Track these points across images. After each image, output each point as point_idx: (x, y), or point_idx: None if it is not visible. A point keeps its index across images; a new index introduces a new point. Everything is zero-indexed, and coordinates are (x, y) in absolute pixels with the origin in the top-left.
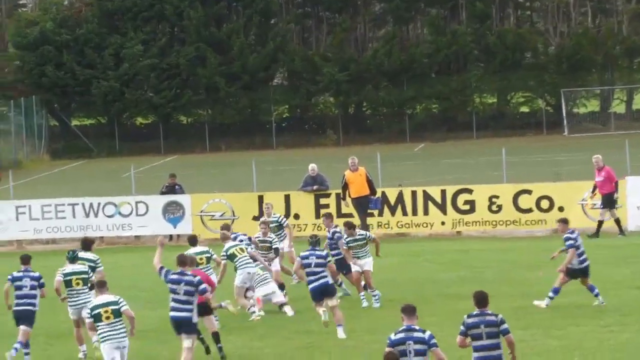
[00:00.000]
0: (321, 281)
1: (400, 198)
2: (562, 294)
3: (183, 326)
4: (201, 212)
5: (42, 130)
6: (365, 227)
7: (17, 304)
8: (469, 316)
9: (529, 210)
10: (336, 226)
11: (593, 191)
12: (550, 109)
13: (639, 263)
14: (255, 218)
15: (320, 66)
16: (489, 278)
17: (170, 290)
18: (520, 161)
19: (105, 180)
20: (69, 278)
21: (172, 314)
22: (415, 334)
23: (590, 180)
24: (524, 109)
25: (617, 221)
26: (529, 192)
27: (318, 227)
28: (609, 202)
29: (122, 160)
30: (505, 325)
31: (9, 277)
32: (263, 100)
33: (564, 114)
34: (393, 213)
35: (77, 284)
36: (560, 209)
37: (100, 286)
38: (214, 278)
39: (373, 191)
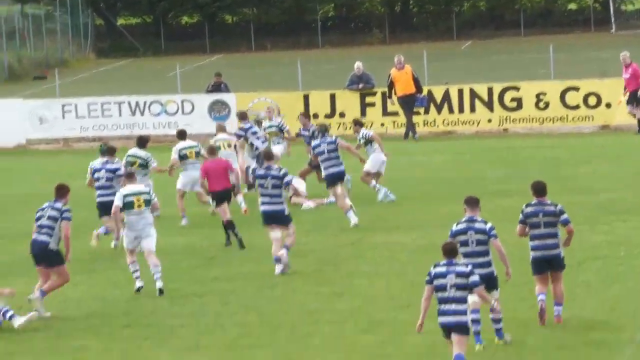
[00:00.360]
0: (336, 169)
1: (446, 96)
2: (609, 189)
3: (275, 218)
4: (247, 109)
5: (88, 29)
6: (411, 125)
7: (99, 195)
8: (528, 205)
9: (576, 107)
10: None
11: (625, 89)
12: (598, 6)
13: None
14: None
15: None
16: (535, 175)
17: (258, 185)
18: (567, 58)
19: (151, 79)
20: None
21: (263, 208)
22: (477, 225)
23: None
24: (572, 6)
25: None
26: (576, 89)
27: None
28: (635, 98)
29: (168, 59)
30: (565, 216)
31: (90, 166)
32: None
33: (612, 12)
34: (439, 111)
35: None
36: (608, 105)
37: (130, 177)
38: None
39: (419, 89)
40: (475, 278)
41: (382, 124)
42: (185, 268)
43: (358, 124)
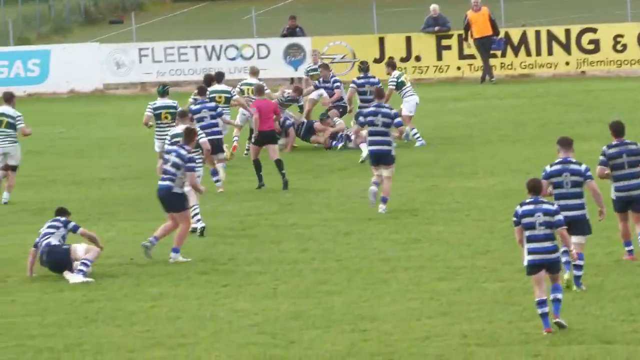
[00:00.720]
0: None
1: (523, 38)
2: None
3: (381, 159)
4: (322, 54)
5: None
6: (488, 68)
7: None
8: (610, 147)
9: None
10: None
11: None
12: None
13: None
14: (376, 61)
15: None
16: (613, 118)
17: (367, 123)
18: None
19: (227, 22)
20: (158, 112)
21: (371, 148)
22: (572, 166)
23: None
24: None
25: None
26: None
27: (440, 69)
28: None
29: (243, 2)
30: None
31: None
32: None
33: None
34: (516, 54)
35: (166, 117)
36: None
37: (182, 115)
38: (228, 118)
39: (496, 31)
40: (560, 217)
41: (459, 67)
42: (264, 214)
43: (391, 65)
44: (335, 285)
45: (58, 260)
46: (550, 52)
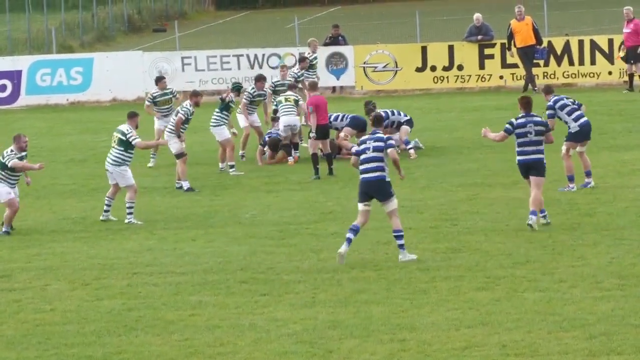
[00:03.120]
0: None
1: (566, 47)
2: None
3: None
4: (364, 63)
5: None
6: (531, 77)
7: None
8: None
9: None
10: None
11: (621, 44)
12: None
13: None
14: (418, 70)
15: None
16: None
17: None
18: None
19: (269, 31)
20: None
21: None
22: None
23: None
24: None
25: (631, 76)
26: None
27: (482, 77)
28: (633, 55)
29: (286, 11)
30: None
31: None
32: None
33: None
34: (559, 63)
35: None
36: None
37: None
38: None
39: (539, 40)
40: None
41: (501, 76)
42: (304, 223)
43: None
44: (374, 295)
45: None
46: (593, 62)
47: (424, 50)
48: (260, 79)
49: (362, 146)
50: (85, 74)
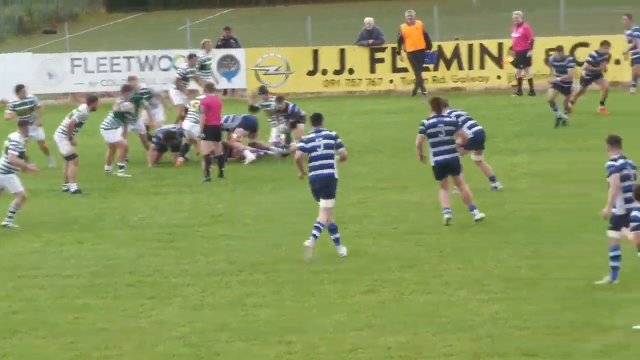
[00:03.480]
0: None
1: (456, 52)
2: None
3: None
4: (256, 66)
5: None
6: (421, 81)
7: None
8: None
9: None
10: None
11: (511, 49)
12: None
13: None
14: (310, 73)
15: None
16: (545, 132)
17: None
18: (579, 13)
19: (161, 33)
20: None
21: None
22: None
23: None
24: None
25: (530, 81)
26: (586, 44)
27: (372, 82)
28: (522, 60)
29: (178, 13)
30: None
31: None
32: None
33: None
34: (449, 67)
35: None
36: (617, 62)
37: None
38: None
39: (429, 45)
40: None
41: (391, 80)
42: (193, 226)
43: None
44: (262, 298)
45: None
46: (482, 66)
47: (315, 53)
48: (191, 56)
49: (311, 144)
50: None
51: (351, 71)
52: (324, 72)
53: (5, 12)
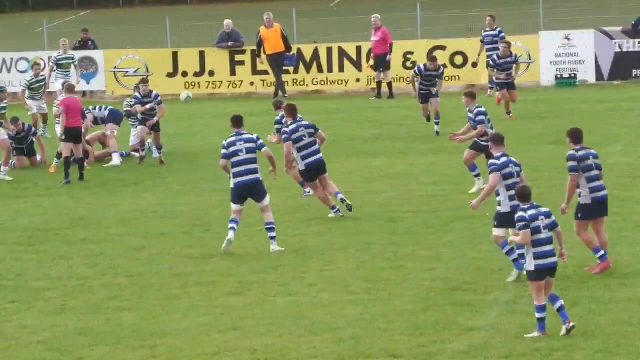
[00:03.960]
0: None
1: (315, 55)
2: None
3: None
4: (115, 68)
5: None
6: (281, 84)
7: None
8: (289, 125)
9: (443, 66)
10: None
11: (370, 52)
12: None
13: (555, 118)
14: (170, 75)
15: None
16: (403, 135)
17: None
18: (434, 17)
19: (18, 35)
20: None
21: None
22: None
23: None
24: None
25: (389, 84)
26: (443, 47)
27: (233, 84)
28: (382, 63)
29: (35, 15)
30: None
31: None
32: None
33: None
34: (308, 70)
35: None
36: (474, 64)
37: None
38: None
39: (288, 48)
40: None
41: (252, 83)
42: (54, 229)
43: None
44: (125, 302)
45: None
46: (341, 69)
47: (175, 55)
48: (35, 64)
49: (232, 148)
50: None
51: (211, 73)
52: (184, 74)
53: None
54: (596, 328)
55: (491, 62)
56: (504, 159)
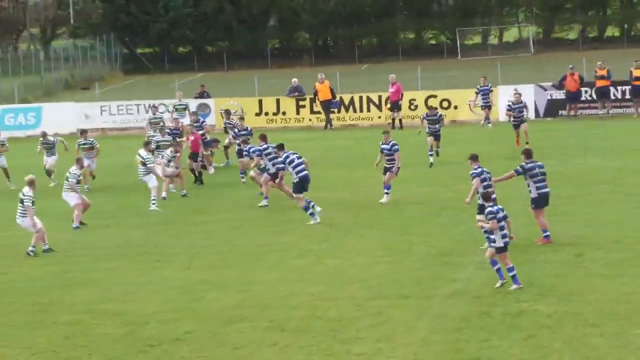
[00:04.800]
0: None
1: (351, 101)
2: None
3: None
4: (221, 109)
5: (118, 55)
6: (329, 120)
7: None
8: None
9: (436, 108)
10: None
11: (387, 100)
12: (449, 41)
13: (509, 143)
14: (257, 114)
15: (300, 12)
16: (407, 153)
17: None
18: (430, 76)
19: (158, 89)
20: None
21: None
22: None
23: (473, 88)
24: (433, 41)
25: (400, 121)
26: (435, 96)
27: (298, 120)
28: (395, 106)
29: (170, 76)
30: None
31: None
32: (262, 36)
33: (459, 45)
34: (347, 110)
35: None
36: (455, 107)
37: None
38: None
39: (334, 96)
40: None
41: (310, 119)
42: (182, 215)
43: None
44: (230, 262)
45: None
46: (368, 110)
47: (260, 102)
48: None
49: (291, 157)
50: (37, 117)
51: (284, 113)
52: (266, 113)
53: (55, 75)
54: (535, 279)
55: (507, 107)
56: (479, 169)
